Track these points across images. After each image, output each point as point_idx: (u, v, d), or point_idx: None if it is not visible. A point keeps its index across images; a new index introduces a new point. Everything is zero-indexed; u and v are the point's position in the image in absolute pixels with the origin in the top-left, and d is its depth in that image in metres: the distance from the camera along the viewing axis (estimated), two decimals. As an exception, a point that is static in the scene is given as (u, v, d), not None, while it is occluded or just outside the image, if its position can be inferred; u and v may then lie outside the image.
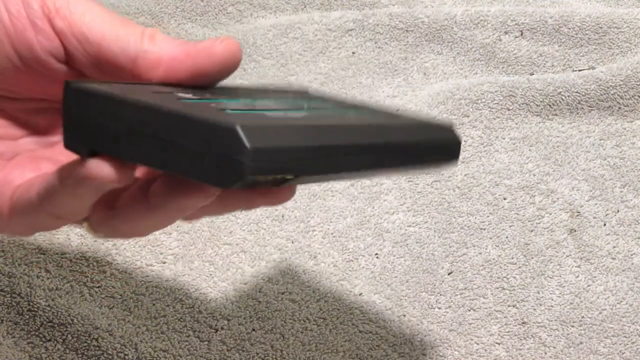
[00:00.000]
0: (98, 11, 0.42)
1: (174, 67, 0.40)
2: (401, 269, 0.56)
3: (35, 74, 0.41)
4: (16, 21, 0.41)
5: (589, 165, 0.63)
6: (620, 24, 0.70)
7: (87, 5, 0.42)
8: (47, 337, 0.50)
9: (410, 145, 0.40)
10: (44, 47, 0.41)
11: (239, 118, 0.32)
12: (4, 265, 0.53)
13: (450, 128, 0.43)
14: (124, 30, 0.41)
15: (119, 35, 0.41)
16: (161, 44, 0.41)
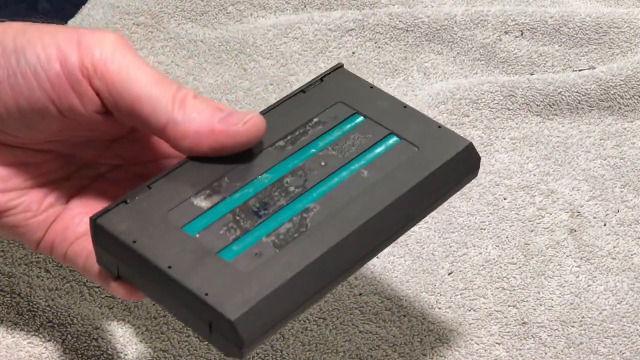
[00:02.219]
0: (135, 67, 0.43)
1: (198, 141, 0.43)
2: (401, 269, 0.56)
3: (79, 122, 0.44)
4: (58, 88, 0.42)
5: (589, 165, 0.63)
6: (620, 24, 0.70)
7: (125, 61, 0.43)
8: (47, 337, 0.50)
9: (440, 194, 0.45)
10: (85, 106, 0.43)
11: (236, 307, 0.39)
12: (4, 265, 0.53)
13: (469, 147, 0.46)
14: (157, 90, 0.43)
15: (151, 97, 0.42)
16: (190, 114, 0.43)
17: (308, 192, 0.44)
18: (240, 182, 0.43)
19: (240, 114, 0.43)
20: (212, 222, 0.42)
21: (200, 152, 0.43)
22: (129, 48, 0.43)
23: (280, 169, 0.45)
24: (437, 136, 0.46)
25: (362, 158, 0.45)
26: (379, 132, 0.46)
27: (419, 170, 0.45)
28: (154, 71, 0.43)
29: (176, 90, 0.43)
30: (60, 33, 0.43)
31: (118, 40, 0.43)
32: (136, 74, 0.43)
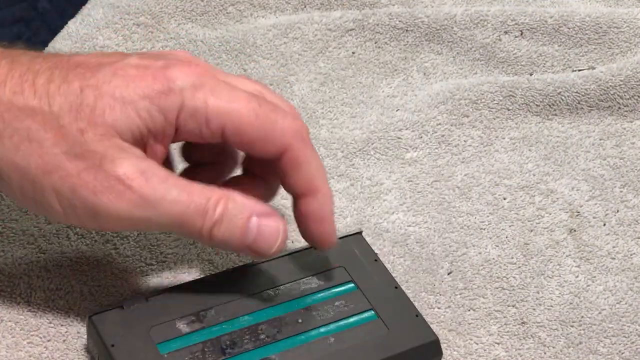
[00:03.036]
0: (163, 177, 0.45)
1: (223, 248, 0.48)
2: (401, 268, 0.56)
3: None
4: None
5: (588, 165, 0.63)
6: (620, 24, 0.70)
7: (151, 173, 0.45)
8: (47, 337, 0.50)
9: None
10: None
11: None
12: (4, 265, 0.53)
13: (434, 342, 0.50)
14: (189, 200, 0.45)
15: (183, 214, 0.45)
16: (225, 233, 0.46)
17: (275, 343, 0.48)
18: (222, 317, 0.48)
19: (273, 233, 0.47)
20: (184, 347, 0.47)
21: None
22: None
23: (261, 315, 0.49)
24: (411, 323, 0.50)
25: (335, 325, 0.50)
26: (361, 305, 0.51)
27: (381, 350, 0.49)
28: (183, 182, 0.46)
29: (207, 202, 0.46)
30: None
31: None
32: (165, 180, 0.46)
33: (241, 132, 0.46)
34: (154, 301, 0.49)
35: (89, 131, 0.44)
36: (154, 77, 0.46)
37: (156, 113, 0.45)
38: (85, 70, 0.46)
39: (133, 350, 0.46)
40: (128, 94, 0.45)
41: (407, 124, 0.64)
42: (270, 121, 0.47)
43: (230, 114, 0.46)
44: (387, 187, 0.60)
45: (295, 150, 0.47)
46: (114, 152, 0.44)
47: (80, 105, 0.45)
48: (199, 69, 0.47)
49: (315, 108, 0.65)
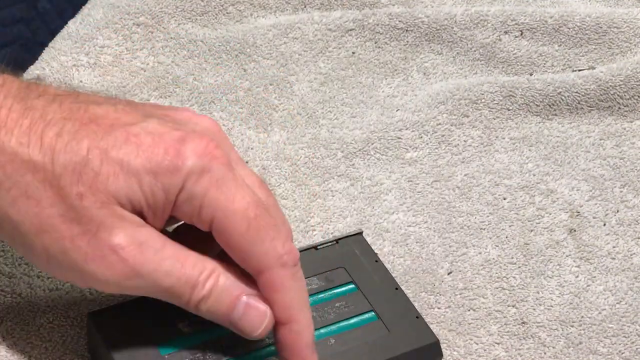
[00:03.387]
0: (159, 247, 0.45)
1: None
2: (401, 268, 0.56)
3: None
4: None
5: (588, 165, 0.63)
6: (620, 24, 0.70)
7: (147, 244, 0.44)
8: (47, 338, 0.50)
9: None
10: None
11: None
12: (4, 265, 0.53)
13: (434, 344, 0.50)
14: (181, 273, 0.45)
15: (172, 286, 0.45)
16: (210, 308, 0.46)
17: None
18: None
19: (259, 317, 0.46)
20: (184, 347, 0.47)
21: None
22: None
23: None
24: (411, 325, 0.50)
25: (335, 326, 0.50)
26: (362, 306, 0.51)
27: (382, 351, 0.49)
28: (175, 248, 0.45)
29: (198, 277, 0.45)
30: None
31: None
32: (161, 253, 0.45)
33: (227, 234, 0.45)
34: (155, 301, 0.48)
35: (89, 196, 0.43)
36: (165, 150, 0.44)
37: (159, 190, 0.44)
38: (98, 128, 0.44)
39: (133, 351, 0.46)
40: (135, 164, 0.44)
41: (407, 124, 0.64)
42: (259, 237, 0.45)
43: (223, 213, 0.44)
44: (387, 187, 0.60)
45: (272, 274, 0.45)
46: (112, 221, 0.43)
47: (84, 168, 0.43)
48: (215, 150, 0.45)
49: (315, 108, 0.65)
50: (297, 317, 0.46)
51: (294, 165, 0.61)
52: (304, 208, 0.59)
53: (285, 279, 0.45)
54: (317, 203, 0.59)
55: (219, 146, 0.45)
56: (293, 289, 0.46)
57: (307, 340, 0.46)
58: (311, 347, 0.46)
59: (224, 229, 0.45)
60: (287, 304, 0.46)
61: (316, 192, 0.60)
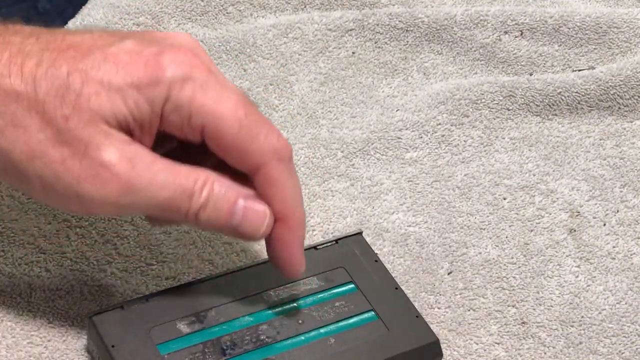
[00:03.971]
0: (150, 161, 0.45)
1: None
2: (401, 269, 0.56)
3: None
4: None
5: (588, 165, 0.63)
6: (620, 24, 0.70)
7: (138, 158, 0.45)
8: (47, 337, 0.50)
9: None
10: None
11: None
12: (4, 265, 0.53)
13: (434, 343, 0.50)
14: (176, 184, 0.45)
15: (169, 198, 0.45)
16: (210, 216, 0.46)
17: (275, 344, 0.48)
18: (223, 318, 0.48)
19: (259, 218, 0.46)
20: (184, 347, 0.47)
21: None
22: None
23: (261, 315, 0.49)
24: (411, 324, 0.50)
25: (335, 325, 0.50)
26: (362, 306, 0.51)
27: (381, 351, 0.49)
28: (165, 161, 0.45)
29: (193, 185, 0.45)
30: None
31: None
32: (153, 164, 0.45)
33: (220, 137, 0.45)
34: (154, 301, 0.49)
35: (74, 117, 0.44)
36: (145, 64, 0.45)
37: (143, 103, 0.44)
38: (76, 53, 0.45)
39: (133, 351, 0.46)
40: (116, 81, 0.44)
41: (407, 124, 0.64)
42: (253, 134, 0.45)
43: (213, 116, 0.45)
44: (387, 187, 0.60)
45: (270, 169, 0.46)
46: (100, 138, 0.44)
47: (67, 91, 0.44)
48: (193, 59, 0.46)
49: (315, 108, 0.65)
50: (293, 213, 0.46)
51: (294, 165, 0.61)
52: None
53: (283, 173, 0.46)
54: (317, 203, 0.59)
55: (197, 55, 0.46)
56: (289, 183, 0.46)
57: (300, 237, 0.47)
58: (302, 247, 0.47)
59: (217, 132, 0.45)
60: (285, 198, 0.46)
61: (316, 192, 0.60)
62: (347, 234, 0.54)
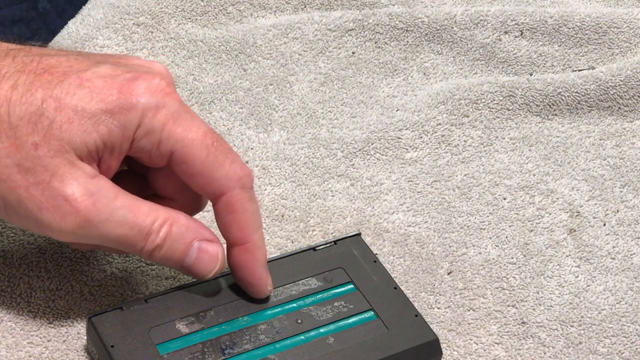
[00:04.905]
0: (112, 196, 0.46)
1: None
2: (401, 269, 0.56)
3: None
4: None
5: (588, 165, 0.63)
6: (620, 24, 0.70)
7: (100, 194, 0.46)
8: (47, 337, 0.50)
9: None
10: None
11: None
12: (4, 265, 0.53)
13: (434, 342, 0.50)
14: (134, 222, 0.46)
15: (125, 235, 0.46)
16: (164, 255, 0.47)
17: (274, 343, 0.48)
18: (222, 318, 0.49)
19: (211, 260, 0.48)
20: (183, 347, 0.47)
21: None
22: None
23: (260, 315, 0.49)
24: (410, 323, 0.50)
25: (334, 325, 0.50)
26: (361, 305, 0.51)
27: (381, 350, 0.49)
28: (128, 198, 0.46)
29: (151, 227, 0.46)
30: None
31: None
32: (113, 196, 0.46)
33: (187, 163, 0.46)
34: (154, 302, 0.49)
35: (44, 146, 0.44)
36: (119, 89, 0.46)
37: (115, 128, 0.45)
38: (51, 77, 0.46)
39: (133, 351, 0.46)
40: (90, 107, 0.45)
41: (407, 124, 0.64)
42: (219, 161, 0.47)
43: (182, 142, 0.46)
44: (387, 187, 0.60)
45: (232, 196, 0.47)
46: (65, 170, 0.44)
47: (40, 118, 0.44)
48: (167, 87, 0.47)
49: (315, 108, 0.65)
50: (252, 238, 0.48)
51: (294, 165, 0.61)
52: (303, 208, 0.59)
53: (244, 200, 0.47)
54: (317, 203, 0.59)
55: (170, 84, 0.47)
56: (250, 210, 0.48)
57: (261, 259, 0.48)
58: (265, 266, 0.48)
59: (185, 159, 0.46)
60: (244, 224, 0.47)
61: (316, 192, 0.60)
62: (346, 235, 0.54)
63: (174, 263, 0.48)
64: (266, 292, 0.49)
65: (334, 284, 0.51)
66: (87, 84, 0.46)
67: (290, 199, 0.59)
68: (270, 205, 0.58)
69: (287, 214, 0.58)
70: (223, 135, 0.62)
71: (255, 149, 0.62)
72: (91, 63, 0.47)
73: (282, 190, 0.59)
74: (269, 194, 0.59)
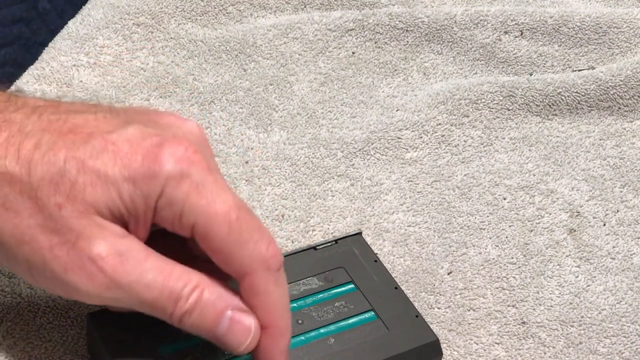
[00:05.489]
0: (142, 258, 0.44)
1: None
2: (401, 269, 0.56)
3: None
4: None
5: (588, 165, 0.63)
6: (620, 24, 0.70)
7: (129, 254, 0.44)
8: (47, 338, 0.50)
9: None
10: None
11: None
12: (4, 265, 0.53)
13: (434, 343, 0.50)
14: (164, 286, 0.44)
15: (154, 299, 0.44)
16: (194, 322, 0.45)
17: None
18: None
19: (244, 332, 0.45)
20: (184, 348, 0.47)
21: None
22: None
23: None
24: (411, 324, 0.50)
25: (334, 325, 0.50)
26: (362, 305, 0.51)
27: (381, 350, 0.49)
28: (159, 260, 0.44)
29: (179, 294, 0.44)
30: None
31: None
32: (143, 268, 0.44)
33: (209, 238, 0.44)
34: None
35: (67, 206, 0.43)
36: (144, 156, 0.43)
37: (138, 197, 0.43)
38: (75, 137, 0.44)
39: (133, 351, 0.46)
40: (112, 173, 0.43)
41: (407, 124, 0.64)
42: (242, 240, 0.44)
43: (204, 217, 0.44)
44: (387, 187, 0.60)
45: (256, 278, 0.44)
46: (92, 230, 0.43)
47: (62, 178, 0.43)
48: (193, 155, 0.44)
49: (315, 108, 0.65)
50: (276, 323, 0.45)
51: (294, 165, 0.61)
52: (304, 208, 0.59)
53: (269, 284, 0.45)
54: (317, 203, 0.59)
55: (198, 150, 0.45)
56: (275, 293, 0.45)
57: (283, 346, 0.46)
58: (285, 353, 0.46)
59: (206, 234, 0.44)
60: (269, 308, 0.45)
61: (316, 192, 0.60)
62: (347, 234, 0.54)
63: (205, 331, 0.45)
64: None
65: (335, 283, 0.51)
66: (111, 147, 0.44)
67: (291, 199, 0.59)
68: (270, 205, 0.58)
69: (287, 214, 0.58)
70: (223, 135, 0.62)
71: (255, 149, 0.62)
72: (119, 122, 0.45)
73: (282, 190, 0.59)
74: (269, 194, 0.59)
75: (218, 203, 0.44)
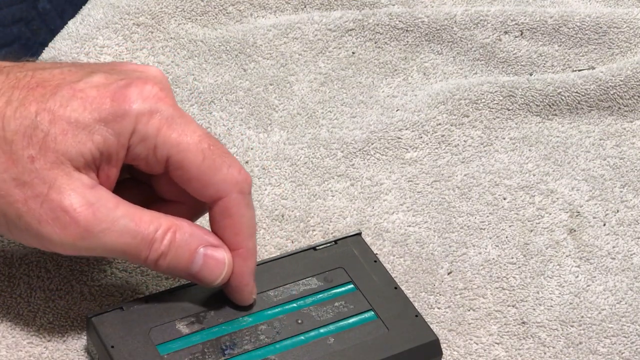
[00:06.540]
0: (112, 206, 0.46)
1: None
2: (401, 269, 0.56)
3: None
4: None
5: (588, 165, 0.63)
6: (620, 24, 0.70)
7: (100, 203, 0.45)
8: (47, 337, 0.50)
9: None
10: None
11: None
12: (4, 265, 0.53)
13: (434, 342, 0.50)
14: (137, 231, 0.45)
15: (128, 244, 0.46)
16: (170, 263, 0.47)
17: (274, 343, 0.48)
18: (222, 319, 0.49)
19: (218, 266, 0.47)
20: (184, 347, 0.47)
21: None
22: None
23: (261, 315, 0.49)
24: (411, 324, 0.50)
25: (334, 325, 0.50)
26: (361, 305, 0.51)
27: (381, 350, 0.49)
28: (129, 207, 0.46)
29: (154, 235, 0.46)
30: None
31: None
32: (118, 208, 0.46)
33: (184, 168, 0.46)
34: (154, 302, 0.49)
35: (40, 159, 0.44)
36: (112, 98, 0.45)
37: (110, 137, 0.45)
38: (44, 91, 0.45)
39: (133, 351, 0.46)
40: (84, 117, 0.45)
41: (407, 124, 0.64)
42: (216, 166, 0.46)
43: (178, 147, 0.46)
44: (387, 187, 0.60)
45: (229, 201, 0.47)
46: (63, 182, 0.44)
47: (34, 131, 0.44)
48: (160, 92, 0.46)
49: (315, 108, 0.65)
50: (246, 244, 0.47)
51: (294, 165, 0.61)
52: (303, 208, 0.59)
53: (241, 205, 0.47)
54: (317, 203, 0.59)
55: (164, 88, 0.47)
56: (246, 215, 0.47)
57: (251, 267, 0.48)
58: (253, 275, 0.48)
59: (181, 164, 0.46)
60: (239, 229, 0.47)
61: (316, 192, 0.60)
62: (346, 235, 0.54)
63: (180, 271, 0.47)
64: (250, 300, 0.49)
65: (334, 284, 0.51)
66: (79, 94, 0.45)
67: (290, 199, 0.59)
68: (270, 205, 0.58)
69: (287, 214, 0.58)
70: (223, 135, 0.62)
71: (255, 149, 0.62)
72: (84, 73, 0.47)
73: (282, 190, 0.59)
74: (269, 194, 0.59)
75: (189, 134, 0.46)
